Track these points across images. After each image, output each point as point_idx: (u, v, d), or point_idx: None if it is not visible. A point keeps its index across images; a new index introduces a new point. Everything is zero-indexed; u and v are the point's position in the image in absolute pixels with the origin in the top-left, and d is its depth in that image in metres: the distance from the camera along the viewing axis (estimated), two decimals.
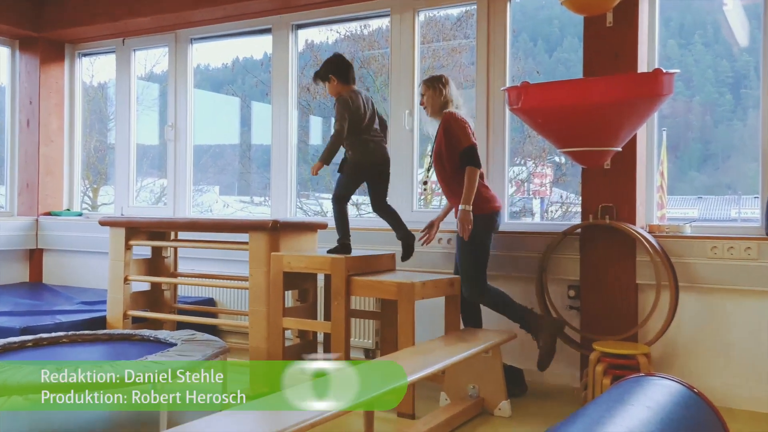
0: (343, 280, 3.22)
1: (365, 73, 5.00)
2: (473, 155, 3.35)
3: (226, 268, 4.47)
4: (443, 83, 3.53)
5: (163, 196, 5.73)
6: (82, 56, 5.72)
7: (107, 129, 6.35)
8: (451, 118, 3.42)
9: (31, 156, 5.50)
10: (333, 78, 3.54)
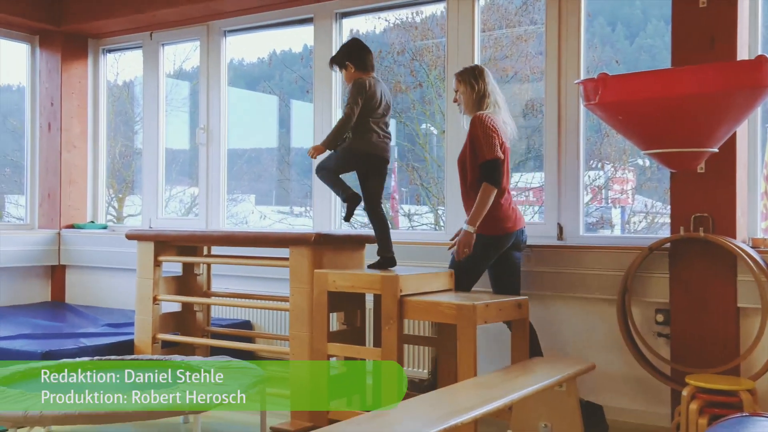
0: (394, 301, 3.19)
1: (417, 66, 4.97)
2: (493, 171, 3.34)
3: (264, 287, 4.49)
4: (476, 76, 3.50)
5: (194, 207, 5.81)
6: (106, 52, 5.86)
7: (133, 132, 6.49)
8: (479, 123, 3.39)
9: (53, 163, 5.65)
10: (350, 65, 3.59)
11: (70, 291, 5.63)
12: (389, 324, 3.18)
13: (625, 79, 3.10)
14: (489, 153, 3.35)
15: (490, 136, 3.37)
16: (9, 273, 5.36)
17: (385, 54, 5.14)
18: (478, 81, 3.49)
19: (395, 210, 5.25)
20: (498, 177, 3.35)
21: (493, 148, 3.36)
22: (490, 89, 3.49)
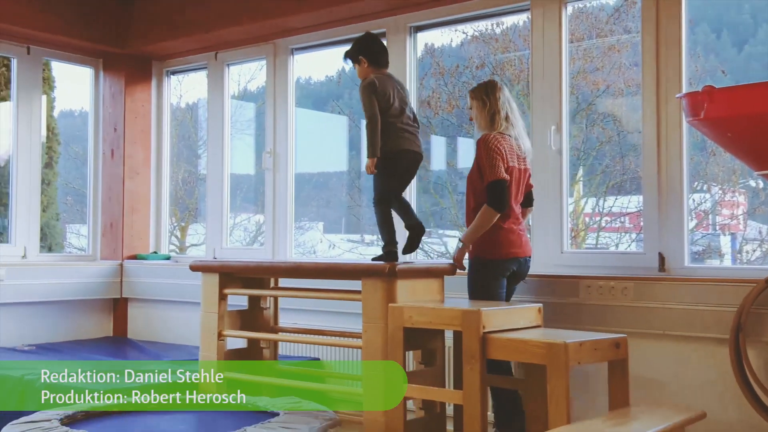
0: (477, 339, 3.19)
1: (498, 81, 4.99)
2: (495, 193, 3.51)
3: (336, 323, 4.55)
4: (488, 91, 3.65)
5: (260, 235, 5.96)
6: (170, 74, 6.11)
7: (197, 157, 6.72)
8: (483, 144, 3.56)
9: (115, 191, 5.91)
10: (363, 60, 3.83)
11: (132, 325, 5.83)
12: (471, 364, 3.18)
13: (734, 92, 3.05)
14: (491, 174, 3.52)
15: (493, 157, 3.52)
16: (70, 307, 5.60)
17: (463, 69, 5.17)
18: (489, 97, 3.64)
19: None
20: (501, 200, 3.52)
21: (495, 170, 3.52)
22: (500, 105, 3.63)
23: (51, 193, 6.64)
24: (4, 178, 5.92)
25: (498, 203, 3.52)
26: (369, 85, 3.73)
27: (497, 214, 3.54)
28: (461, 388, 3.27)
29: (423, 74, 5.01)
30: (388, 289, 3.54)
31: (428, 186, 5.23)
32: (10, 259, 5.40)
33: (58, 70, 6.41)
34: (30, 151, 5.58)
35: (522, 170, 3.69)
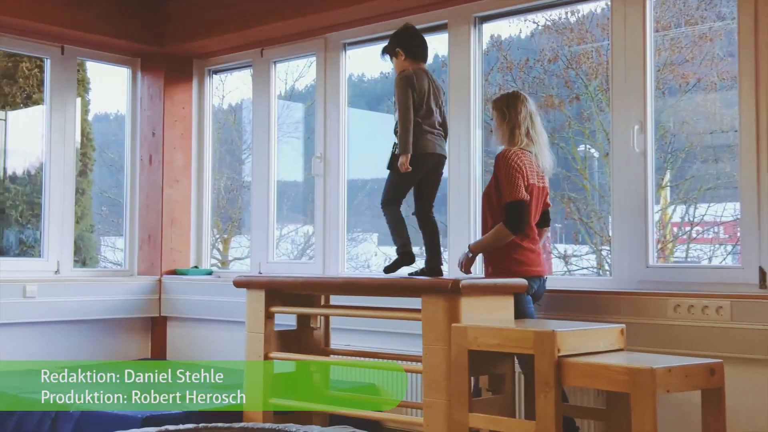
0: (551, 363, 3.14)
1: (573, 76, 4.94)
2: (514, 214, 3.67)
3: (393, 344, 4.54)
4: (509, 103, 3.81)
5: (309, 248, 5.99)
6: (212, 74, 6.20)
7: (240, 163, 6.80)
8: (502, 161, 3.72)
9: (154, 201, 6.01)
10: (400, 52, 3.98)
11: (171, 346, 5.91)
12: (545, 391, 3.13)
13: None
14: (509, 194, 3.67)
15: (513, 176, 3.67)
16: (106, 326, 5.69)
17: (534, 62, 5.13)
18: (509, 109, 3.79)
19: (548, 251, 5.18)
20: (519, 221, 3.68)
21: (514, 190, 3.67)
22: (521, 119, 3.78)
23: (85, 203, 6.78)
24: (36, 187, 6.06)
25: (515, 225, 3.69)
26: (407, 78, 3.88)
27: (511, 236, 3.71)
28: (533, 419, 3.22)
29: (489, 69, 4.98)
30: (451, 307, 3.53)
31: None
32: (43, 274, 5.53)
33: (93, 71, 6.55)
34: (64, 157, 5.70)
35: (541, 188, 3.84)
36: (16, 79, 6.29)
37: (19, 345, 5.24)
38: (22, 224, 6.22)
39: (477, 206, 4.61)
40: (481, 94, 4.72)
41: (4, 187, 6.03)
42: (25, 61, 6.26)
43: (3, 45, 5.46)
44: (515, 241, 3.74)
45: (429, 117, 3.92)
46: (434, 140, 3.93)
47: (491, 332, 3.35)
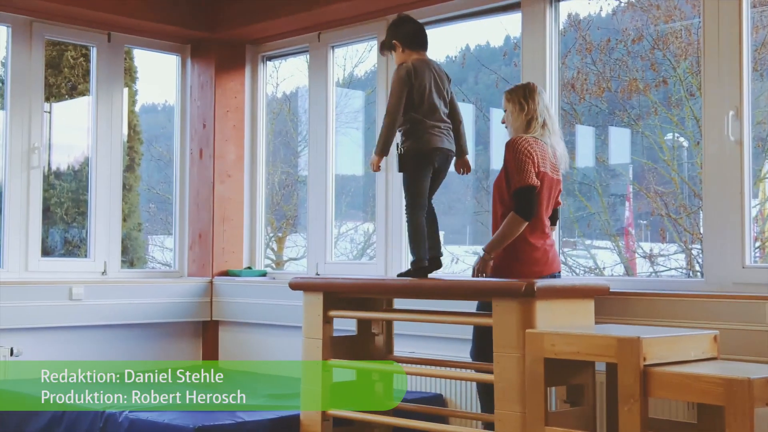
0: (636, 374, 3.12)
1: (659, 58, 4.89)
2: (523, 200, 3.78)
3: (461, 352, 4.54)
4: (527, 95, 3.94)
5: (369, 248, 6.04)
6: (266, 60, 6.28)
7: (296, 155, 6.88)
8: (511, 147, 3.85)
9: (204, 197, 6.11)
10: (397, 44, 4.10)
11: (224, 352, 6.00)
12: (629, 404, 3.12)
13: None
14: (518, 180, 3.79)
15: (522, 161, 3.79)
16: (154, 330, 5.82)
17: (616, 43, 5.10)
18: (528, 101, 3.93)
19: (631, 249, 5.15)
20: (530, 207, 3.78)
21: (524, 174, 3.78)
22: (540, 110, 3.92)
23: (132, 200, 6.94)
24: (82, 184, 6.22)
25: (526, 211, 3.79)
26: (405, 76, 3.98)
27: (525, 223, 3.79)
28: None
29: (566, 51, 4.96)
30: (526, 311, 3.52)
31: (573, 187, 5.16)
32: (89, 275, 5.67)
33: (140, 59, 6.70)
34: (110, 151, 5.84)
35: (555, 180, 3.95)
36: (61, 69, 6.47)
37: (66, 350, 5.38)
38: (67, 222, 6.39)
39: None
40: (558, 79, 4.70)
41: (49, 184, 6.20)
42: (70, 49, 6.44)
43: (47, 33, 5.61)
44: (522, 235, 3.83)
45: (433, 113, 4.03)
46: (441, 135, 4.04)
47: (569, 339, 3.34)
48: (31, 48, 5.51)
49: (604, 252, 5.20)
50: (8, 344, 5.12)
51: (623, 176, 5.11)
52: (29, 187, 5.48)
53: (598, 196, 5.22)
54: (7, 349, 5.09)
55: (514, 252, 3.87)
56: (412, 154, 4.02)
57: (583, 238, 5.30)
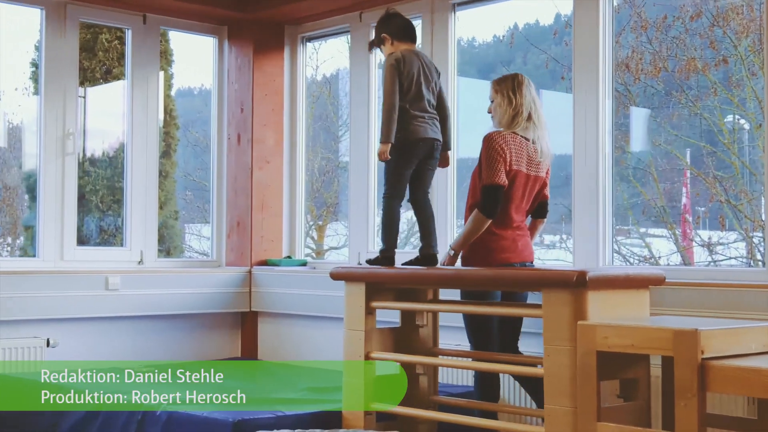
0: (693, 367, 3.11)
1: (719, 35, 4.83)
2: (489, 198, 3.98)
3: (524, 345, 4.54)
4: (515, 88, 4.10)
5: (413, 236, 6.04)
6: (305, 41, 6.30)
7: (337, 141, 6.91)
8: (486, 143, 4.04)
9: (242, 184, 6.16)
10: (386, 37, 4.31)
11: (263, 344, 6.06)
12: (685, 399, 3.11)
13: None
14: (488, 177, 3.99)
15: (493, 158, 3.99)
16: (192, 321, 5.89)
17: (673, 20, 5.04)
18: (516, 94, 4.08)
19: (688, 238, 5.10)
20: (493, 205, 3.99)
21: (493, 172, 3.98)
22: (527, 104, 4.08)
23: (168, 187, 7.00)
24: (117, 170, 6.30)
25: (489, 209, 4.00)
26: (395, 63, 4.17)
27: (488, 221, 4.02)
28: (672, 429, 3.20)
29: (620, 29, 4.92)
30: (577, 302, 3.52)
31: (626, 172, 5.13)
32: (126, 265, 5.76)
33: (176, 42, 6.76)
34: (146, 137, 5.92)
35: (533, 177, 4.12)
36: (96, 53, 6.55)
37: (102, 341, 5.48)
38: (102, 211, 6.48)
39: (606, 184, 4.58)
40: (612, 59, 4.66)
41: (84, 171, 6.28)
42: (104, 32, 6.51)
43: (82, 15, 5.69)
44: (490, 228, 4.05)
45: (419, 101, 4.21)
46: (425, 125, 4.22)
47: (623, 331, 3.33)
48: (65, 31, 5.59)
49: (660, 240, 5.16)
50: (44, 335, 5.22)
51: (680, 161, 5.06)
52: (64, 174, 5.57)
53: (653, 181, 5.19)
54: (43, 340, 5.19)
55: (482, 242, 4.09)
56: (396, 144, 4.17)
57: (637, 226, 5.27)
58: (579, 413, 3.42)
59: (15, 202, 7.33)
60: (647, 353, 3.35)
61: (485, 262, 4.10)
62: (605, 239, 4.62)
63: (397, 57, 4.21)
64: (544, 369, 3.60)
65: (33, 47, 6.40)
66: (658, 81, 5.08)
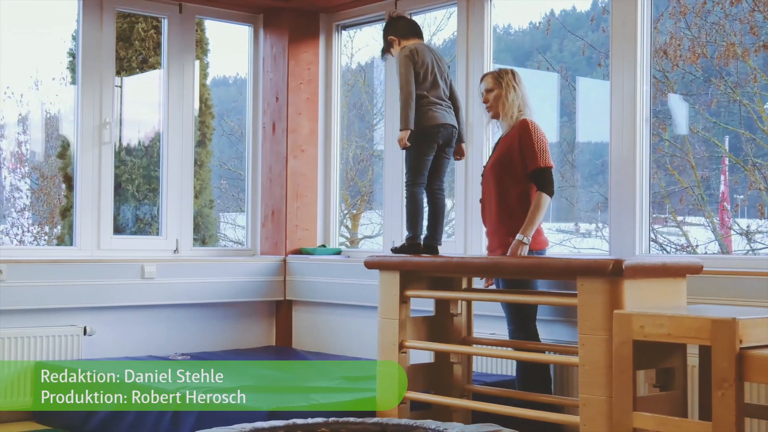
0: (731, 357, 3.09)
1: (760, 20, 4.78)
2: (547, 178, 4.15)
3: (544, 333, 4.53)
4: (515, 80, 4.29)
5: (447, 225, 6.04)
6: (341, 29, 6.31)
7: (371, 129, 6.92)
8: (531, 129, 4.19)
9: (277, 173, 6.20)
10: (394, 38, 4.49)
11: (297, 333, 6.10)
12: (723, 388, 3.09)
13: None
14: (543, 160, 4.15)
15: (542, 141, 4.17)
16: (227, 310, 5.95)
17: (712, 5, 5.00)
18: (518, 85, 4.29)
19: (726, 226, 5.06)
20: (552, 185, 4.18)
21: (547, 155, 4.16)
22: (527, 96, 4.31)
23: (204, 176, 7.06)
24: (153, 160, 6.37)
25: (551, 189, 4.16)
26: (408, 54, 4.32)
27: (549, 201, 4.18)
28: (709, 419, 3.18)
29: (658, 15, 4.88)
30: (613, 291, 3.51)
31: (664, 160, 5.09)
32: (162, 254, 5.82)
33: (211, 31, 6.80)
34: (182, 126, 5.96)
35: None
36: (132, 42, 6.61)
37: (138, 329, 5.54)
38: (138, 200, 6.55)
39: (643, 172, 4.55)
40: (650, 45, 4.62)
41: (120, 160, 6.36)
42: (141, 21, 6.57)
43: (118, 5, 5.74)
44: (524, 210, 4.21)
45: (435, 89, 4.36)
46: (443, 111, 4.36)
47: (659, 320, 3.31)
48: (102, 20, 5.64)
49: (698, 228, 5.12)
50: (81, 323, 5.29)
51: (719, 148, 5.02)
52: (101, 163, 5.63)
53: (691, 169, 5.15)
54: (80, 328, 5.26)
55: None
56: (416, 131, 4.27)
57: (674, 214, 5.23)
58: (614, 403, 3.41)
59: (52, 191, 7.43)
60: (684, 342, 3.33)
61: (541, 244, 4.28)
62: (642, 228, 4.59)
63: (410, 48, 4.36)
64: (580, 358, 3.59)
65: (70, 37, 6.48)
66: (697, 67, 5.04)
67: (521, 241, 4.13)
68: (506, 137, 4.31)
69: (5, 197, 7.64)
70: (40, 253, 5.59)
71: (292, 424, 3.60)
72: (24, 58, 7.30)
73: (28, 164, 7.74)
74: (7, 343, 5.06)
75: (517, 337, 4.29)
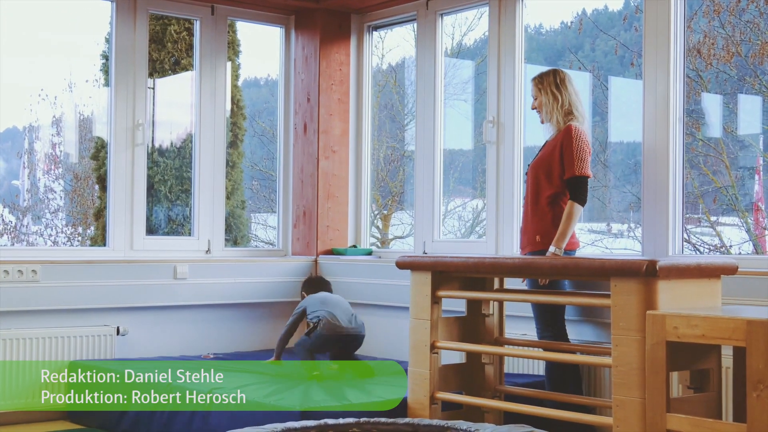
0: (766, 358, 3.06)
1: None
2: (583, 188, 4.20)
3: (577, 334, 4.53)
4: (558, 84, 4.30)
5: (478, 225, 6.05)
6: (372, 30, 6.33)
7: (402, 129, 6.93)
8: (575, 135, 4.22)
9: (309, 174, 6.23)
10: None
11: None
12: (758, 390, 3.07)
13: None
14: (581, 168, 4.19)
15: (583, 150, 4.20)
16: (259, 310, 5.98)
17: (747, 4, 4.97)
18: (561, 91, 4.30)
19: (761, 226, 5.02)
20: (586, 194, 4.22)
21: (585, 164, 4.21)
22: (574, 99, 4.30)
23: (235, 177, 7.11)
24: (185, 161, 6.41)
25: (583, 198, 4.21)
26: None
27: (581, 210, 4.23)
28: (744, 421, 3.16)
29: (692, 13, 4.85)
30: (647, 292, 3.49)
31: (697, 159, 5.06)
32: (194, 254, 5.86)
33: (242, 32, 6.85)
34: (214, 127, 6.01)
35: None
36: (165, 44, 6.67)
37: (171, 329, 5.59)
38: (171, 200, 6.61)
39: (676, 172, 4.53)
40: (683, 44, 4.60)
41: (153, 161, 6.41)
42: (173, 23, 6.62)
43: (151, 7, 5.79)
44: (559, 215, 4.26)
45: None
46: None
47: (694, 321, 3.29)
48: (135, 23, 5.69)
49: (731, 229, 5.09)
50: (114, 323, 5.35)
51: (753, 147, 4.98)
52: (134, 164, 5.69)
53: (725, 169, 5.12)
54: (114, 328, 5.32)
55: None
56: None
57: (708, 214, 5.20)
58: (648, 404, 3.40)
59: (85, 192, 7.51)
60: (719, 343, 3.30)
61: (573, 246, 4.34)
62: (675, 228, 4.57)
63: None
64: (613, 359, 3.57)
65: (103, 39, 6.54)
66: (731, 66, 5.01)
67: (554, 254, 4.19)
68: (552, 140, 4.36)
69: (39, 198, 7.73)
70: (74, 254, 5.65)
71: (323, 424, 3.61)
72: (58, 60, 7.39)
73: (62, 166, 7.83)
74: (42, 343, 5.12)
75: (545, 336, 4.30)
